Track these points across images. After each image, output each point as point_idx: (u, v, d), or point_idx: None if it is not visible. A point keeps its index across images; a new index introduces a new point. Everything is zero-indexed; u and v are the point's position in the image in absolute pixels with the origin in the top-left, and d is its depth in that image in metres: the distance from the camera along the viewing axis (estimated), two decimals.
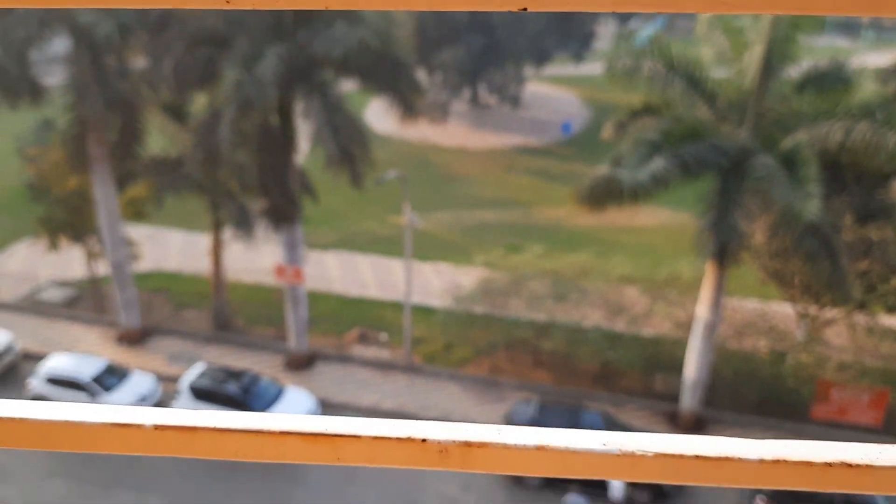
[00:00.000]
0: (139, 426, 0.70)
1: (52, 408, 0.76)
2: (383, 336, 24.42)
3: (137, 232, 27.32)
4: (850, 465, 0.68)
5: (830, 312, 22.13)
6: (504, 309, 22.42)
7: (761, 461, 0.69)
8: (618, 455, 0.70)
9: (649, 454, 0.69)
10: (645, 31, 48.16)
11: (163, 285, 26.92)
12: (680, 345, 20.70)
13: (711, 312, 18.93)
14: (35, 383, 20.56)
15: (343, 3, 0.54)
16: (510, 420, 18.51)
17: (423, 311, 24.98)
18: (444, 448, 0.71)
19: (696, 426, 20.15)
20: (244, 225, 22.96)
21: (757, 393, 20.74)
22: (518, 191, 36.47)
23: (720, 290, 18.88)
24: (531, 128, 44.46)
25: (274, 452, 0.70)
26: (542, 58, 43.16)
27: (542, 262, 23.46)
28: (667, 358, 21.23)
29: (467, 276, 26.57)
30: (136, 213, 24.15)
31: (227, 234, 23.98)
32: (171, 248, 29.72)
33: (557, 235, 31.30)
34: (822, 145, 17.06)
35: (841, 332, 23.20)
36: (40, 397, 20.40)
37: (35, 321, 24.71)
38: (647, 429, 19.88)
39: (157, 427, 0.70)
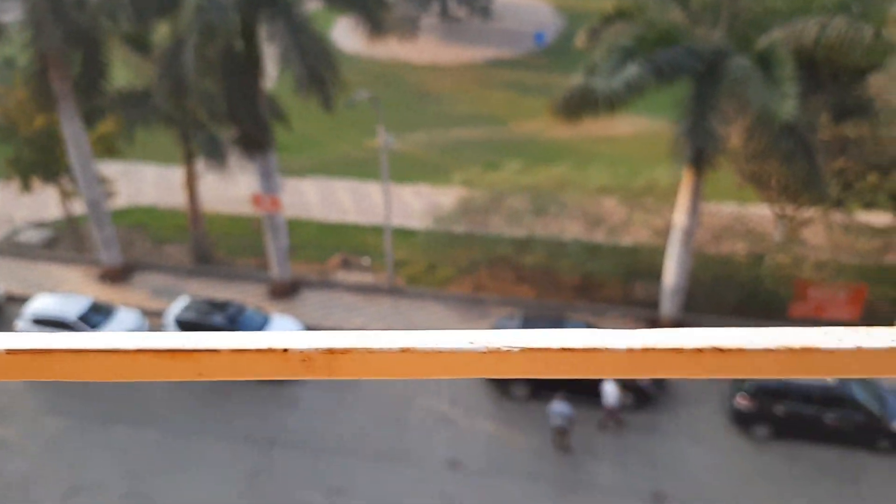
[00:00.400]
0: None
1: None
2: (365, 260, 24.53)
3: (110, 168, 26.85)
4: (721, 350, 0.67)
5: (807, 212, 22.42)
6: (484, 227, 22.51)
7: (630, 350, 0.69)
8: (484, 352, 0.69)
9: (515, 349, 0.69)
10: None
11: (140, 221, 26.70)
12: (659, 252, 20.97)
13: (689, 218, 19.10)
14: (22, 325, 20.61)
15: None
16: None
17: (404, 234, 25.04)
18: (307, 357, 0.70)
19: None
20: (216, 155, 22.62)
21: (736, 295, 21.19)
22: (493, 106, 35.97)
23: (697, 196, 18.99)
24: (504, 39, 43.44)
25: (131, 371, 0.69)
26: None
27: (521, 178, 23.40)
28: (646, 266, 21.54)
29: (446, 196, 26.50)
30: (108, 149, 23.67)
31: (201, 165, 23.62)
32: (146, 182, 29.33)
33: (535, 149, 31.11)
34: (798, 43, 16.83)
35: (818, 231, 23.58)
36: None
37: (15, 263, 24.55)
38: None
39: (9, 352, 0.69)
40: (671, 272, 19.77)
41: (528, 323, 18.82)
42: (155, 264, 24.42)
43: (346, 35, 36.90)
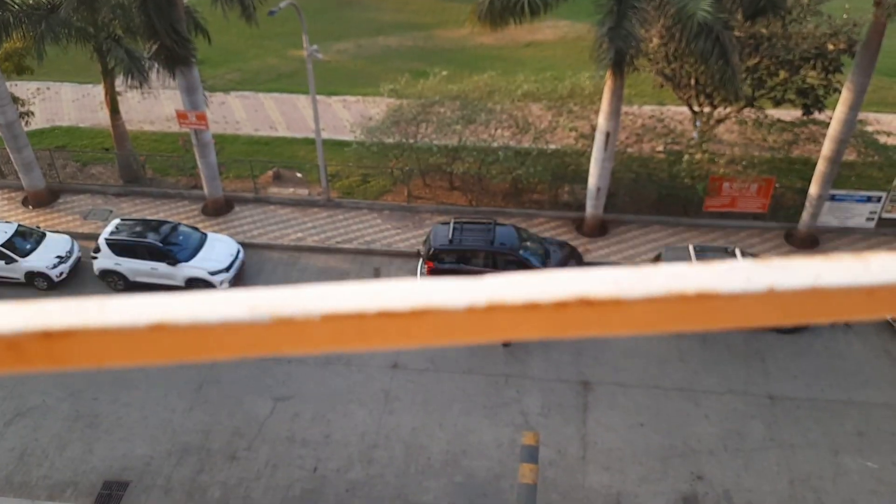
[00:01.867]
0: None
1: None
2: (298, 174, 24.52)
3: (23, 88, 25.59)
4: (590, 303, 0.51)
5: (722, 111, 23.44)
6: (415, 137, 22.72)
7: (470, 310, 0.52)
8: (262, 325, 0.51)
9: (316, 318, 0.52)
10: None
11: (62, 142, 25.77)
12: (584, 155, 21.73)
13: (611, 121, 19.77)
14: None
15: None
16: (430, 241, 19.49)
17: (336, 146, 25.03)
18: (14, 343, 0.52)
19: (600, 230, 21.73)
20: (136, 71, 21.84)
21: (655, 193, 22.29)
22: (418, 12, 35.37)
23: (619, 99, 19.61)
24: None
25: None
26: None
27: (448, 86, 23.52)
28: (572, 170, 22.33)
29: (376, 107, 26.45)
30: (17, 67, 22.51)
31: (121, 83, 22.78)
32: (64, 102, 28.10)
33: (461, 57, 31.04)
34: None
35: (732, 128, 24.75)
36: None
37: None
38: (556, 237, 21.32)
39: None
40: (594, 174, 20.60)
41: (460, 229, 19.44)
42: (82, 186, 23.83)
43: None
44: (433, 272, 19.18)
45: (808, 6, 21.56)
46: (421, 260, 19.87)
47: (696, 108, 23.58)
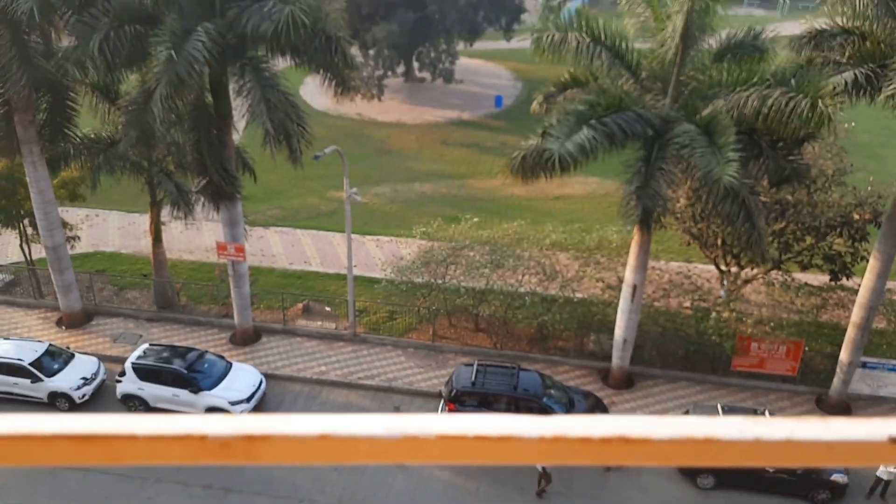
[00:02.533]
0: None
1: None
2: (327, 308, 24.87)
3: (74, 214, 26.92)
4: (627, 440, 0.69)
5: (750, 271, 23.61)
6: (444, 278, 23.14)
7: (541, 438, 0.70)
8: (400, 439, 0.70)
9: (431, 437, 0.71)
10: (571, 5, 49.17)
11: (103, 266, 26.66)
12: (610, 306, 21.82)
13: (638, 274, 20.01)
14: None
15: None
16: (453, 383, 19.31)
17: (366, 282, 25.51)
18: (225, 443, 0.69)
19: (627, 383, 21.38)
20: (183, 203, 22.94)
21: (682, 349, 22.09)
22: (454, 163, 37.10)
23: (646, 254, 19.96)
24: (465, 101, 45.02)
25: (46, 456, 0.68)
26: (472, 32, 43.65)
27: (479, 232, 24.22)
28: (598, 319, 22.36)
29: (407, 248, 27.16)
30: (71, 194, 23.80)
31: (167, 213, 23.89)
32: (110, 228, 29.38)
33: (492, 205, 32.13)
34: (740, 112, 17.91)
35: (759, 289, 24.79)
36: None
37: None
38: (581, 387, 20.99)
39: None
40: (621, 325, 20.58)
41: (484, 372, 19.30)
42: (116, 310, 24.37)
43: (315, 92, 37.89)
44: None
45: (832, 177, 22.21)
46: (442, 401, 19.59)
47: (723, 268, 23.80)
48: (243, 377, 20.36)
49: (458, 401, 18.94)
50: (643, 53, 19.09)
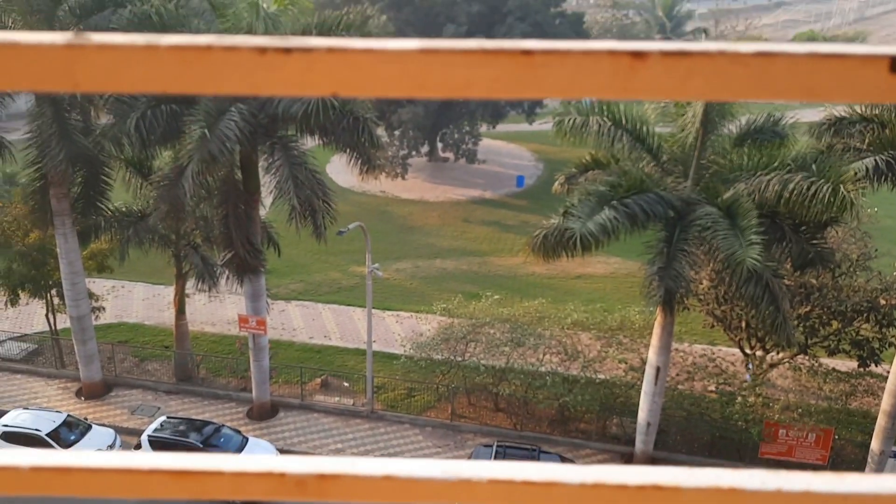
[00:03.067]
0: (15, 468, 0.77)
1: None
2: (346, 383, 24.71)
3: (100, 285, 27.35)
4: (660, 488, 0.75)
5: (775, 355, 23.20)
6: (464, 355, 22.99)
7: (582, 484, 0.76)
8: (455, 482, 0.76)
9: (483, 480, 0.77)
10: None
11: (125, 337, 26.88)
12: (633, 388, 21.46)
13: (661, 356, 19.75)
14: None
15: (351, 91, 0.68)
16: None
17: (385, 358, 25.40)
18: (301, 481, 0.76)
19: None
20: (208, 276, 23.29)
21: (708, 434, 21.53)
22: (475, 241, 37.43)
23: (669, 335, 19.76)
24: (487, 181, 45.79)
25: (143, 489, 0.77)
26: (496, 115, 44.87)
27: (499, 309, 24.18)
28: (621, 401, 21.97)
29: (427, 324, 27.12)
30: (100, 266, 24.28)
31: (191, 285, 24.22)
32: (135, 300, 29.76)
33: (513, 283, 32.17)
34: (761, 196, 17.99)
35: (786, 373, 24.28)
36: None
37: None
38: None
39: (33, 469, 0.76)
40: (645, 408, 20.18)
41: (503, 453, 18.91)
42: (136, 381, 24.42)
43: (340, 170, 38.83)
44: None
45: (857, 262, 22.06)
46: None
47: (748, 351, 23.42)
48: (259, 453, 20.09)
49: None
50: (664, 137, 19.45)
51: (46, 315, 24.76)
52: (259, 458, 0.80)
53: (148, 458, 0.78)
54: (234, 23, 18.79)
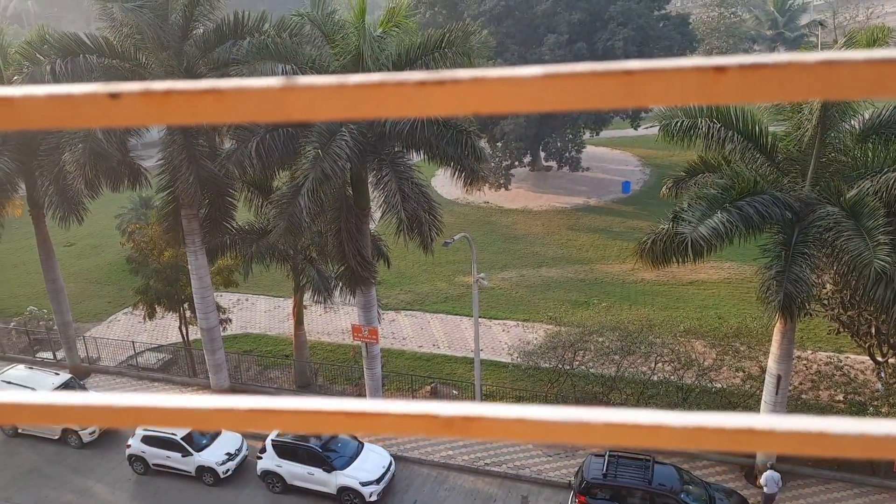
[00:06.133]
0: (231, 410, 0.92)
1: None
2: (454, 391, 25.09)
3: (227, 298, 29.16)
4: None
5: None
6: (572, 363, 22.84)
7: (683, 427, 0.85)
8: (574, 423, 0.86)
9: (599, 423, 0.86)
10: None
11: (250, 347, 28.49)
12: (752, 398, 20.60)
13: (782, 365, 18.88)
14: (133, 443, 22.02)
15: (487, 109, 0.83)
16: (583, 473, 18.74)
17: (493, 367, 25.61)
18: (449, 421, 0.89)
19: None
20: (323, 289, 24.35)
21: None
22: (581, 248, 37.04)
23: (790, 342, 18.86)
24: (592, 188, 45.23)
25: (328, 426, 0.93)
26: (599, 123, 44.25)
27: (608, 317, 23.87)
28: (740, 411, 21.07)
29: (534, 332, 27.13)
30: (226, 281, 25.89)
31: (308, 297, 25.38)
32: (258, 312, 31.48)
33: (621, 290, 31.60)
34: (889, 194, 16.96)
35: None
36: (138, 458, 21.85)
37: (133, 384, 26.54)
38: (723, 484, 19.69)
39: (247, 411, 0.92)
40: None
41: (616, 462, 18.62)
42: (260, 388, 25.84)
43: (445, 182, 39.56)
44: None
45: None
46: (572, 493, 19.03)
47: (880, 358, 21.95)
48: (374, 458, 20.77)
49: (589, 493, 18.31)
50: (778, 136, 18.68)
51: (180, 327, 26.61)
52: (415, 403, 0.93)
53: (328, 402, 0.93)
54: (342, 47, 19.66)
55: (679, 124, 18.41)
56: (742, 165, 18.69)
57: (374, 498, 20.03)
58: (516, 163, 43.77)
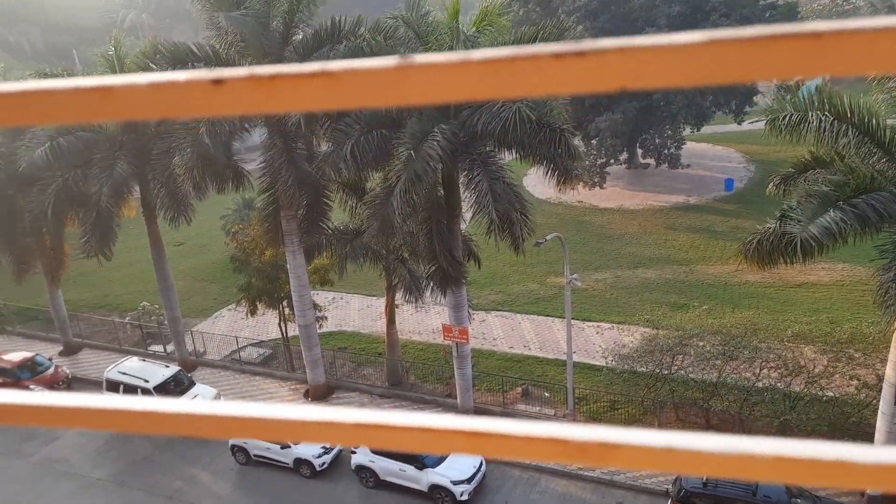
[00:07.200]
0: (341, 424, 0.86)
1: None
2: (546, 394, 24.75)
3: (323, 296, 29.94)
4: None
5: None
6: (670, 368, 22.05)
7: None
8: (734, 455, 0.78)
9: (767, 456, 0.78)
10: (810, 84, 46.30)
11: (344, 344, 29.15)
12: (868, 408, 19.26)
13: None
14: None
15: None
16: (682, 482, 18.05)
17: (586, 370, 25.10)
18: (583, 447, 0.81)
19: (891, 499, 18.44)
20: (415, 289, 24.57)
21: None
22: (680, 249, 35.77)
23: None
24: (691, 186, 43.64)
25: (446, 446, 0.86)
26: (700, 118, 42.54)
27: (709, 320, 22.90)
28: (854, 421, 19.79)
29: (630, 335, 26.40)
30: (322, 279, 26.58)
31: (400, 297, 25.69)
32: (352, 310, 32.17)
33: (724, 293, 30.28)
34: None
35: None
36: (240, 448, 22.80)
37: (236, 377, 27.68)
38: (835, 499, 18.50)
39: (356, 425, 0.86)
40: (882, 431, 18.01)
41: None
42: (353, 385, 26.38)
43: (537, 182, 39.17)
44: None
45: None
46: (670, 501, 18.37)
47: None
48: (465, 458, 20.74)
49: (687, 502, 17.62)
50: None
51: (279, 324, 27.54)
52: (544, 425, 0.84)
53: (449, 420, 0.85)
54: (436, 48, 19.74)
55: (788, 118, 17.42)
56: (857, 161, 17.51)
57: (465, 497, 20.02)
58: (612, 160, 42.79)
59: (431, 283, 23.10)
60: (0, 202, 25.77)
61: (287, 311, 26.84)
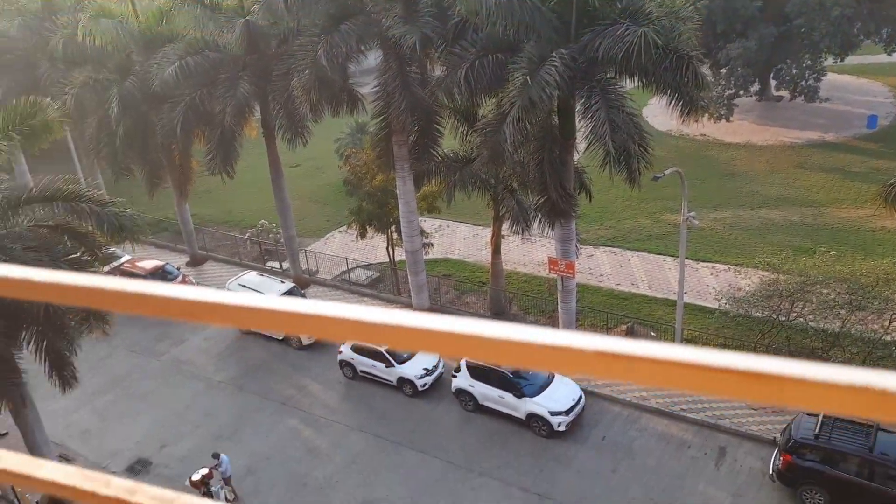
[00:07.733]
0: (580, 350, 0.79)
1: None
2: (652, 333, 24.21)
3: (430, 223, 30.30)
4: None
5: None
6: (788, 315, 20.93)
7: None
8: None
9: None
10: None
11: (449, 271, 29.55)
12: None
13: None
14: (344, 350, 23.99)
15: None
16: (791, 431, 17.36)
17: (697, 311, 24.29)
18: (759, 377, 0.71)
19: None
20: (522, 219, 24.32)
21: None
22: (810, 189, 33.38)
23: None
24: (828, 122, 40.26)
25: (716, 388, 0.72)
26: (845, 47, 38.68)
27: (836, 267, 21.41)
28: None
29: (747, 278, 25.19)
30: (430, 206, 26.82)
31: (506, 227, 25.55)
32: (458, 238, 32.44)
33: (856, 239, 28.15)
34: None
35: None
36: (348, 364, 23.84)
37: (345, 297, 28.77)
38: None
39: (597, 353, 0.78)
40: None
41: (830, 425, 16.98)
42: (456, 311, 26.80)
43: (658, 112, 37.36)
44: (790, 468, 16.93)
45: None
46: (777, 450, 17.76)
47: None
48: (563, 389, 20.81)
49: (797, 453, 16.95)
50: None
51: (387, 248, 28.19)
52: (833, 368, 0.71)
53: (727, 358, 0.73)
54: None
55: None
56: None
57: (562, 428, 20.18)
58: (741, 92, 40.01)
59: (539, 215, 22.77)
60: (135, 119, 27.32)
61: (395, 235, 27.36)
